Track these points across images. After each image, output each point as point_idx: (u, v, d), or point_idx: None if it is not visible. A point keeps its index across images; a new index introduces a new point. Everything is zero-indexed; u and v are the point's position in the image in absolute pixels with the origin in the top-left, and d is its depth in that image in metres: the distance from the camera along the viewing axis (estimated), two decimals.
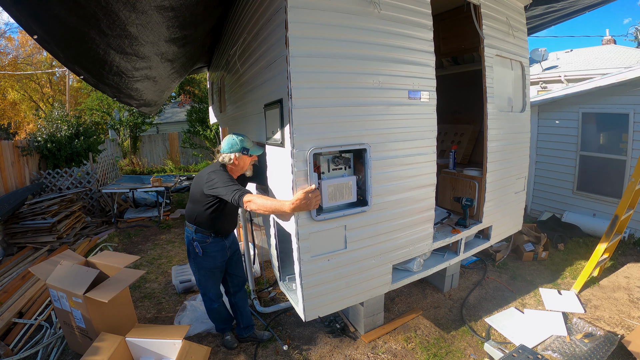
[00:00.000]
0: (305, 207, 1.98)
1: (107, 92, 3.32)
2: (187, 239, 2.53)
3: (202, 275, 2.56)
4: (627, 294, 3.40)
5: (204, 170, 2.39)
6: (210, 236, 2.47)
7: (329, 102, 2.02)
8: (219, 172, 2.30)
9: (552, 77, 9.23)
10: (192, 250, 2.50)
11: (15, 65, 16.58)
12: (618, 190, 4.73)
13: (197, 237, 2.46)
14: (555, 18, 4.62)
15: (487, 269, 3.96)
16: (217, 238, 2.50)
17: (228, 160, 2.38)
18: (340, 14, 1.99)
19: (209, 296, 2.64)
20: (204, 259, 2.50)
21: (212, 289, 2.63)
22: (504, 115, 3.07)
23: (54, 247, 5.05)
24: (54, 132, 7.07)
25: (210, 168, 2.37)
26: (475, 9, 2.76)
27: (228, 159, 2.38)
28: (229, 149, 2.38)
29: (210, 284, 2.60)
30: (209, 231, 2.47)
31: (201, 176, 2.37)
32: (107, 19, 2.07)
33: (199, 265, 2.54)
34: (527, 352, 2.37)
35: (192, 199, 2.46)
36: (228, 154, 2.39)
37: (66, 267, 2.66)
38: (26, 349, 2.80)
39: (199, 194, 2.36)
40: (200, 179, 2.37)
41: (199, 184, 2.36)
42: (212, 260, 2.52)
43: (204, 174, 2.35)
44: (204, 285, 2.62)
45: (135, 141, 14.66)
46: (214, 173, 2.29)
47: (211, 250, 2.49)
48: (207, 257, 2.50)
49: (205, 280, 2.58)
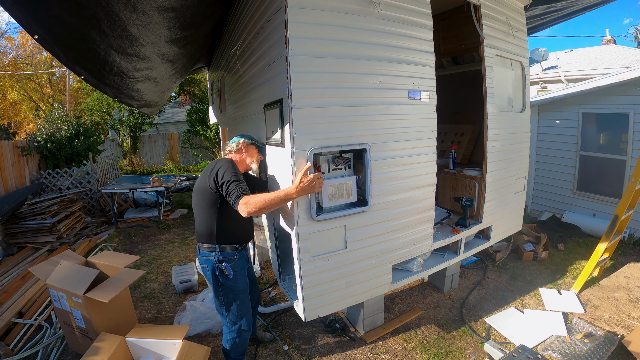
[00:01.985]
0: (309, 189, 1.88)
1: (108, 92, 3.32)
2: (210, 264, 2.09)
3: (236, 300, 2.14)
4: (627, 294, 3.40)
5: (206, 169, 2.12)
6: (237, 250, 2.13)
7: (329, 102, 2.02)
8: (226, 161, 2.07)
9: (552, 77, 9.23)
10: (219, 274, 2.08)
11: (15, 65, 16.59)
12: (618, 190, 4.73)
13: (224, 256, 2.07)
14: (555, 18, 4.62)
15: (487, 269, 3.96)
16: (242, 251, 2.20)
17: (235, 146, 2.24)
18: (340, 14, 1.99)
19: (242, 325, 2.20)
20: (237, 281, 2.11)
21: (248, 314, 2.22)
22: (504, 115, 3.08)
23: (54, 247, 5.05)
24: (54, 132, 7.08)
25: (217, 160, 2.13)
26: (475, 9, 2.76)
27: (235, 144, 2.25)
28: (237, 139, 2.28)
29: (244, 308, 2.19)
30: (235, 244, 2.12)
31: (205, 173, 2.09)
32: (108, 19, 2.07)
33: (231, 291, 2.11)
34: (527, 352, 2.37)
35: (200, 207, 2.07)
36: (236, 141, 2.27)
37: (66, 267, 2.66)
38: (26, 349, 2.80)
39: (206, 193, 2.04)
40: (203, 177, 2.08)
41: (203, 181, 2.06)
42: (243, 277, 2.16)
43: (207, 169, 2.09)
44: (238, 314, 2.17)
45: (135, 141, 14.66)
46: (219, 162, 2.06)
47: (241, 266, 2.15)
48: (239, 276, 2.13)
49: (239, 306, 2.15)
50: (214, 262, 2.07)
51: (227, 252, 2.09)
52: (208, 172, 2.04)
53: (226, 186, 1.93)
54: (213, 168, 2.03)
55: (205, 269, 2.13)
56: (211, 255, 2.08)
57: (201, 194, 2.07)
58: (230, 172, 1.97)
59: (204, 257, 2.12)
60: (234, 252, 2.11)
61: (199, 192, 2.09)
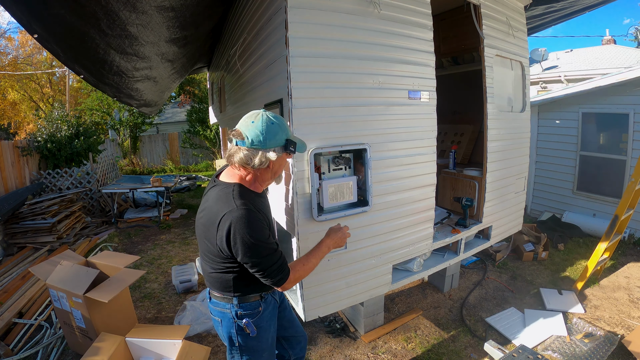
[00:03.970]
0: (341, 243, 1.71)
1: (107, 91, 3.32)
2: (225, 319, 1.53)
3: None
4: (627, 294, 3.40)
5: (212, 210, 1.39)
6: (262, 299, 1.55)
7: (329, 102, 2.02)
8: (241, 220, 1.29)
9: (552, 77, 9.23)
10: (240, 332, 1.53)
11: (15, 65, 16.59)
12: (618, 190, 4.73)
13: (244, 310, 1.50)
14: (555, 18, 4.62)
15: (487, 269, 3.96)
16: (268, 296, 1.60)
17: (258, 163, 1.37)
18: (340, 14, 1.99)
19: None
20: (261, 339, 1.57)
21: None
22: (504, 115, 3.07)
23: (54, 247, 5.05)
24: (54, 132, 7.07)
25: (221, 204, 1.36)
26: (475, 9, 2.76)
27: (259, 161, 1.36)
28: (264, 140, 1.36)
29: None
30: (259, 292, 1.54)
31: (211, 223, 1.36)
32: (107, 18, 2.07)
33: (252, 351, 1.58)
34: (527, 352, 2.37)
35: (209, 256, 1.45)
36: (261, 150, 1.36)
37: (66, 267, 2.66)
38: (26, 349, 2.80)
39: (216, 251, 1.39)
40: (209, 229, 1.37)
41: (210, 236, 1.38)
42: (267, 332, 1.60)
43: (214, 222, 1.34)
44: None
45: (135, 141, 14.66)
46: (234, 222, 1.29)
47: (266, 319, 1.59)
48: (263, 332, 1.58)
49: None
50: (231, 318, 1.51)
51: (249, 305, 1.51)
52: (216, 224, 1.33)
53: (257, 270, 1.36)
54: (224, 227, 1.31)
55: (217, 323, 1.57)
56: (227, 307, 1.51)
57: (208, 245, 1.42)
58: (260, 247, 1.32)
59: (217, 308, 1.54)
60: (259, 302, 1.54)
61: (205, 239, 1.43)
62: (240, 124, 1.42)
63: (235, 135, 1.39)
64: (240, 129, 1.39)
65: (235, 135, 1.39)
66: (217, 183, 1.49)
